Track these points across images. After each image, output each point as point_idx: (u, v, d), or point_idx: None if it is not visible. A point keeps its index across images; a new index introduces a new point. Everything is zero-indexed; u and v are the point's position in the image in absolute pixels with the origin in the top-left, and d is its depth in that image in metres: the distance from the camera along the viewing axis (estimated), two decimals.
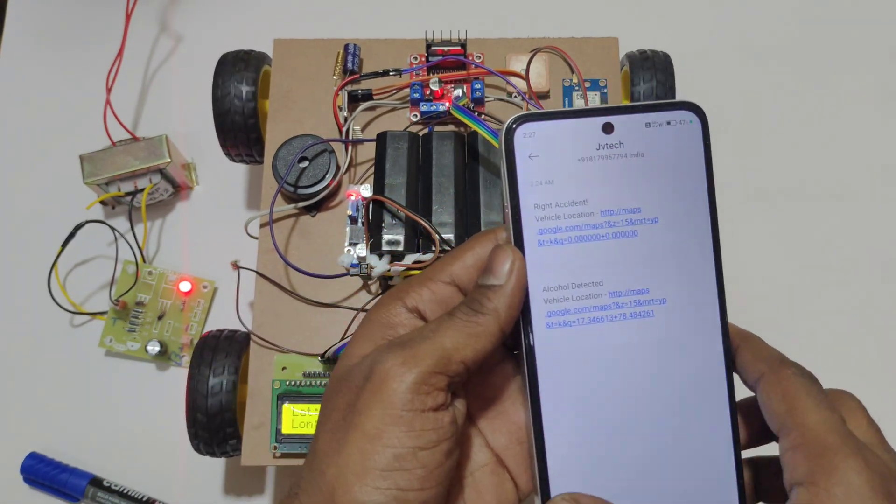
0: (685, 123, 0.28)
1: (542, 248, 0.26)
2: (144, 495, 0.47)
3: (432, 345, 0.24)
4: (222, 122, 0.46)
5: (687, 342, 0.27)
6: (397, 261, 0.38)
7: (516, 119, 0.26)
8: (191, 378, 0.41)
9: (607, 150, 0.27)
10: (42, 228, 0.54)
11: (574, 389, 0.26)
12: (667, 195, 0.27)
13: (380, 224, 0.38)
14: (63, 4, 0.60)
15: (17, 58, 0.59)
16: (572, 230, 0.26)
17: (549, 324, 0.26)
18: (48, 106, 0.58)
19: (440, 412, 0.24)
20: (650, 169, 0.27)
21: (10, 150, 0.57)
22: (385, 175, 0.40)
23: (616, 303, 0.27)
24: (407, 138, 0.41)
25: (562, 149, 0.26)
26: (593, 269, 0.26)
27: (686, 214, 0.27)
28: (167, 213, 0.55)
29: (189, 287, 0.51)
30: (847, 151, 0.56)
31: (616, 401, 0.26)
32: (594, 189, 0.26)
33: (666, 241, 0.27)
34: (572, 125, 0.26)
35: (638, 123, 0.27)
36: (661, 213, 0.27)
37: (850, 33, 0.59)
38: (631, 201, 0.27)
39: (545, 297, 0.26)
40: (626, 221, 0.27)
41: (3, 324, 0.52)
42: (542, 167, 0.26)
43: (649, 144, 0.27)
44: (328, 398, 0.26)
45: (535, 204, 0.26)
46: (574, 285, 0.26)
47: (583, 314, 0.26)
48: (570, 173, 0.26)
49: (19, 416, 0.50)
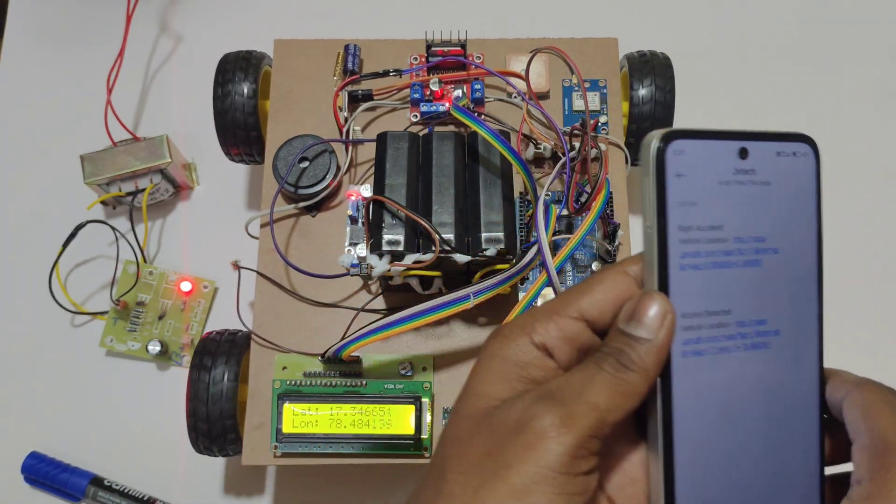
0: (806, 156, 0.28)
1: (683, 273, 0.26)
2: (145, 495, 0.48)
3: (588, 405, 0.23)
4: (223, 122, 0.46)
5: (791, 372, 0.27)
6: (397, 261, 0.38)
7: (666, 135, 0.25)
8: (191, 378, 0.41)
9: (742, 175, 0.26)
10: (43, 228, 0.54)
11: (701, 419, 0.26)
12: (787, 226, 0.27)
13: (380, 224, 0.38)
14: (64, 4, 0.61)
15: (18, 58, 0.59)
16: (709, 256, 0.26)
17: (684, 352, 0.25)
18: (49, 106, 0.58)
19: (590, 476, 0.24)
20: (775, 198, 0.27)
21: (10, 150, 0.57)
22: (385, 175, 0.40)
23: (740, 333, 0.26)
24: (407, 138, 0.41)
25: (705, 170, 0.26)
26: (723, 297, 0.26)
27: (800, 246, 0.28)
28: (168, 213, 0.55)
29: (190, 287, 0.51)
30: (847, 151, 0.56)
31: (733, 428, 0.26)
32: (729, 214, 0.26)
33: (783, 271, 0.27)
34: (714, 146, 0.26)
35: (770, 152, 0.27)
36: (781, 243, 0.27)
37: (849, 33, 0.59)
38: (758, 230, 0.27)
39: (682, 323, 0.25)
40: (753, 250, 0.27)
41: (4, 324, 0.52)
42: (687, 188, 0.26)
43: (776, 173, 0.27)
44: (459, 437, 0.24)
45: (680, 226, 0.25)
46: (707, 313, 0.26)
47: (712, 343, 0.26)
48: (711, 196, 0.26)
49: (20, 415, 0.50)
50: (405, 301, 0.41)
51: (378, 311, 0.42)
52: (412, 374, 0.41)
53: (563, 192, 0.43)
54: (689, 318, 0.26)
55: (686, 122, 0.53)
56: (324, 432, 0.39)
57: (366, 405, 0.39)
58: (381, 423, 0.39)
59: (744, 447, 0.26)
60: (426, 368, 0.41)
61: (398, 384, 0.41)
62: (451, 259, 0.38)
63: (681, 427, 0.25)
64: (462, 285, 0.37)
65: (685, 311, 0.25)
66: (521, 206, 0.43)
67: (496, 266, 0.39)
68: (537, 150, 0.44)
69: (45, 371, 0.51)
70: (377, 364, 0.41)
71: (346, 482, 0.48)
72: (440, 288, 0.42)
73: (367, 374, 0.41)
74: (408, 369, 0.41)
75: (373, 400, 0.39)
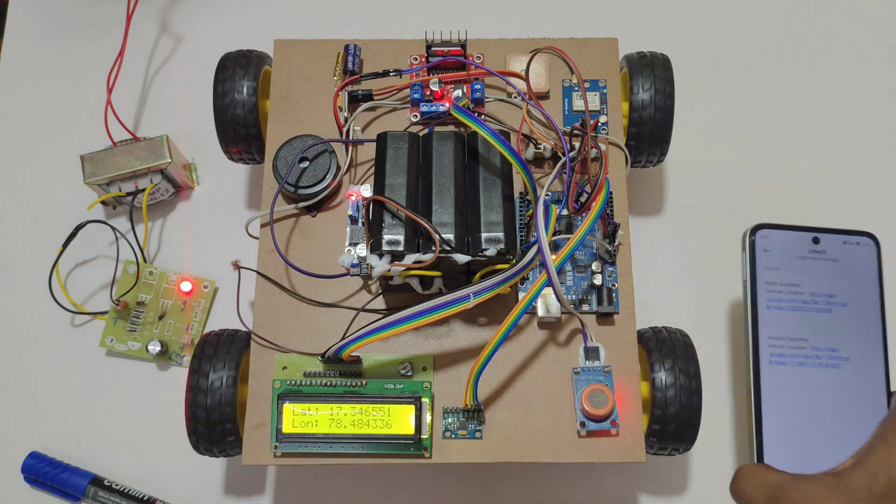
0: (868, 245, 0.42)
1: (769, 311, 0.41)
2: (145, 495, 0.48)
3: None
4: (223, 121, 0.46)
5: (860, 386, 0.40)
6: (397, 261, 0.38)
7: (756, 227, 0.42)
8: (191, 377, 0.41)
9: (815, 254, 0.42)
10: (43, 228, 0.54)
11: (783, 401, 0.40)
12: (853, 288, 0.41)
13: (380, 224, 0.38)
14: (64, 4, 0.61)
15: (18, 58, 0.59)
16: (789, 302, 0.41)
17: (770, 361, 0.40)
18: (49, 106, 0.58)
19: None
20: (843, 270, 0.42)
21: (10, 150, 0.57)
22: (385, 175, 0.40)
23: (816, 355, 0.40)
24: (407, 138, 0.41)
25: (784, 248, 0.42)
26: (801, 330, 0.40)
27: (865, 301, 0.41)
28: (168, 214, 0.55)
29: (190, 287, 0.51)
30: (847, 151, 0.56)
31: (807, 412, 0.39)
32: (805, 277, 0.41)
33: (851, 318, 0.41)
34: (792, 235, 0.42)
35: (838, 240, 0.42)
36: (848, 300, 0.41)
37: (849, 33, 0.59)
38: (829, 289, 0.41)
39: (769, 343, 0.40)
40: (825, 302, 0.41)
41: (4, 324, 0.52)
42: (771, 258, 0.42)
43: (844, 254, 0.42)
44: None
45: (766, 281, 0.41)
46: (788, 338, 0.40)
47: (792, 358, 0.40)
48: (790, 265, 0.42)
49: (20, 415, 0.50)
50: (405, 301, 0.41)
51: (378, 311, 0.42)
52: (412, 373, 0.41)
53: (562, 192, 0.43)
54: (773, 339, 0.40)
55: (686, 121, 0.53)
56: (324, 432, 0.39)
57: (365, 405, 0.39)
58: (380, 423, 0.39)
59: (823, 424, 0.39)
60: (426, 368, 0.41)
61: (398, 384, 0.41)
62: (451, 259, 0.38)
63: (768, 406, 0.39)
64: (462, 285, 0.37)
65: (770, 335, 0.40)
66: (521, 207, 0.43)
67: (496, 266, 0.39)
68: (537, 150, 0.44)
69: (45, 371, 0.51)
70: (377, 364, 0.41)
71: (347, 482, 0.48)
72: (440, 288, 0.42)
73: (368, 374, 0.41)
74: (408, 369, 0.41)
75: (373, 400, 0.39)
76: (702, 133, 0.56)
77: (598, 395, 0.39)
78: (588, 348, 0.41)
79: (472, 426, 0.40)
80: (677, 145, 0.51)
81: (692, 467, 0.49)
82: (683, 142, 0.54)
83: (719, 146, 0.56)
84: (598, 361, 0.41)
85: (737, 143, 0.56)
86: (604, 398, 0.39)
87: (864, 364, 0.40)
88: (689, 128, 0.55)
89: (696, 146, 0.55)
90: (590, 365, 0.40)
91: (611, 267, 0.43)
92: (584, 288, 0.42)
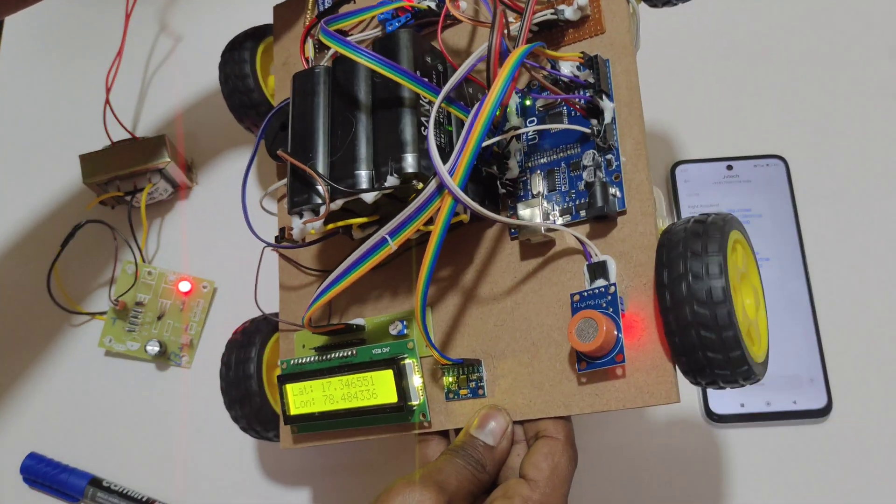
0: (778, 165, 0.50)
1: None
2: (144, 495, 0.47)
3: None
4: (229, 90, 0.46)
5: (784, 280, 0.47)
6: (315, 215, 0.34)
7: (676, 164, 0.50)
8: (222, 374, 0.42)
9: (730, 178, 0.50)
10: (42, 228, 0.54)
11: None
12: (767, 201, 0.49)
13: (292, 182, 0.34)
14: (63, 5, 0.60)
15: (16, 58, 0.59)
16: None
17: None
18: (48, 106, 0.58)
19: None
20: (756, 188, 0.50)
21: (10, 150, 0.57)
22: (292, 125, 0.35)
23: None
24: (313, 77, 0.36)
25: (702, 178, 0.50)
26: None
27: (779, 210, 0.49)
28: (167, 213, 0.55)
29: (189, 287, 0.51)
30: (847, 151, 0.56)
31: None
32: (723, 198, 0.49)
33: (767, 225, 0.49)
34: (707, 166, 0.50)
35: (749, 165, 0.50)
36: (764, 211, 0.49)
37: (849, 33, 0.59)
38: (745, 205, 0.49)
39: None
40: (742, 215, 0.48)
41: (4, 324, 0.52)
42: (692, 187, 0.50)
43: (756, 175, 0.50)
44: None
45: (689, 205, 0.49)
46: None
47: None
48: (708, 190, 0.50)
49: (19, 416, 0.50)
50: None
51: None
52: (406, 332, 0.37)
53: (532, 85, 0.37)
54: None
55: (687, 121, 0.53)
56: (320, 410, 0.36)
57: (350, 377, 0.35)
58: (367, 393, 0.35)
59: None
60: (407, 322, 0.37)
61: (384, 347, 0.36)
62: (361, 201, 0.33)
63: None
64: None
65: None
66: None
67: None
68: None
69: (43, 371, 0.51)
70: (376, 326, 0.37)
71: (351, 465, 0.48)
72: None
73: (370, 338, 0.38)
74: (399, 329, 0.37)
75: (357, 370, 0.35)
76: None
77: (585, 326, 0.30)
78: (593, 265, 0.32)
79: (472, 383, 0.35)
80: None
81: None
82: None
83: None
84: (604, 280, 0.32)
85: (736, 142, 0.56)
86: (592, 328, 0.30)
87: (783, 261, 0.48)
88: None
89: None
90: (596, 286, 0.32)
91: (608, 155, 0.34)
92: (579, 190, 0.35)
